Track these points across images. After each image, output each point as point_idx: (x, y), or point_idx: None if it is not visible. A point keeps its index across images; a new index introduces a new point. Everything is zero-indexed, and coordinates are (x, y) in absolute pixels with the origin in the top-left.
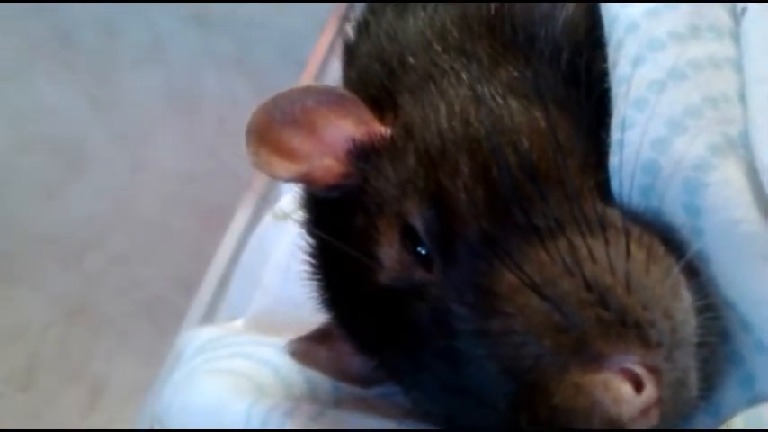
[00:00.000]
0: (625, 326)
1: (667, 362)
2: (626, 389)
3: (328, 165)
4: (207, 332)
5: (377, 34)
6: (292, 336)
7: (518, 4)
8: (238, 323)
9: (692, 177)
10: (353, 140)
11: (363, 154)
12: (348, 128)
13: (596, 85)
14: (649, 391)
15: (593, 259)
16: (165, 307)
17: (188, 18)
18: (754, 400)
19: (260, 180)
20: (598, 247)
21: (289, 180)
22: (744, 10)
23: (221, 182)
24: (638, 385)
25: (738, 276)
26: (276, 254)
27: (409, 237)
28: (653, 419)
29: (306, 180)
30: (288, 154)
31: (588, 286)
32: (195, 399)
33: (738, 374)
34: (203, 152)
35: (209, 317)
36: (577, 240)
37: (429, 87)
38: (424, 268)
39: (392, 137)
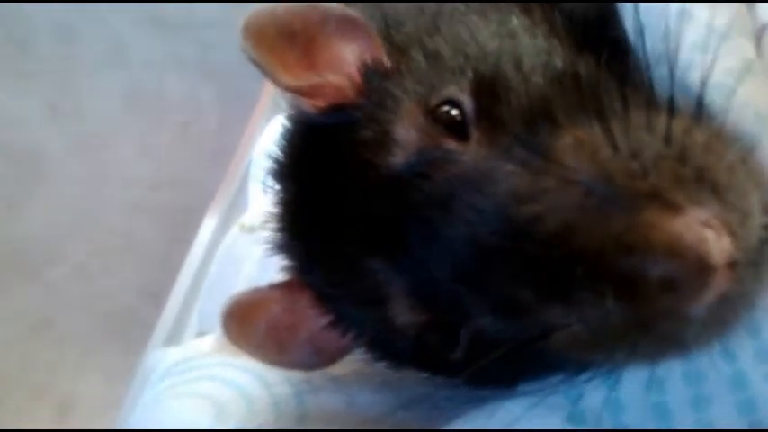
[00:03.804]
0: (702, 184)
1: (742, 228)
2: (710, 233)
3: (340, 81)
4: (174, 354)
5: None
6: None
7: None
8: (209, 339)
9: None
10: (366, 62)
11: (378, 74)
12: (354, 51)
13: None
14: (729, 243)
15: (672, 120)
16: (132, 319)
17: (146, 21)
18: None
19: (226, 185)
20: (672, 116)
21: (293, 90)
22: (765, 27)
23: (186, 188)
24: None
25: None
26: (246, 266)
27: (440, 115)
28: (728, 282)
29: (314, 94)
30: (280, 66)
31: (668, 140)
32: (159, 423)
33: None
34: (167, 158)
35: (178, 329)
36: (650, 111)
37: (454, 23)
38: (456, 138)
39: (408, 65)
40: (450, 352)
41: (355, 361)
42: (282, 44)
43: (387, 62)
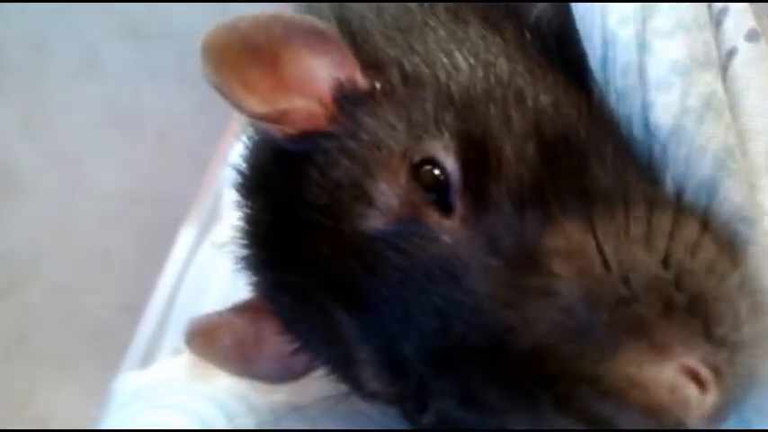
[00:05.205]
0: (693, 316)
1: (729, 365)
2: (693, 392)
3: (311, 107)
4: (138, 381)
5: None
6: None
7: None
8: (181, 360)
9: None
10: (339, 83)
11: (351, 98)
12: (325, 68)
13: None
14: (714, 395)
15: (672, 236)
16: (110, 335)
17: (122, 30)
18: None
19: (203, 198)
20: (676, 224)
21: (257, 116)
22: (733, 52)
23: (164, 202)
24: (701, 387)
25: None
26: (216, 284)
27: (422, 175)
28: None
29: (282, 120)
30: (244, 88)
31: (666, 262)
32: None
33: None
34: (144, 171)
35: (154, 346)
36: (652, 213)
37: (425, 40)
38: (440, 212)
39: (383, 87)
40: (419, 417)
41: (319, 389)
42: (246, 61)
43: (361, 81)
